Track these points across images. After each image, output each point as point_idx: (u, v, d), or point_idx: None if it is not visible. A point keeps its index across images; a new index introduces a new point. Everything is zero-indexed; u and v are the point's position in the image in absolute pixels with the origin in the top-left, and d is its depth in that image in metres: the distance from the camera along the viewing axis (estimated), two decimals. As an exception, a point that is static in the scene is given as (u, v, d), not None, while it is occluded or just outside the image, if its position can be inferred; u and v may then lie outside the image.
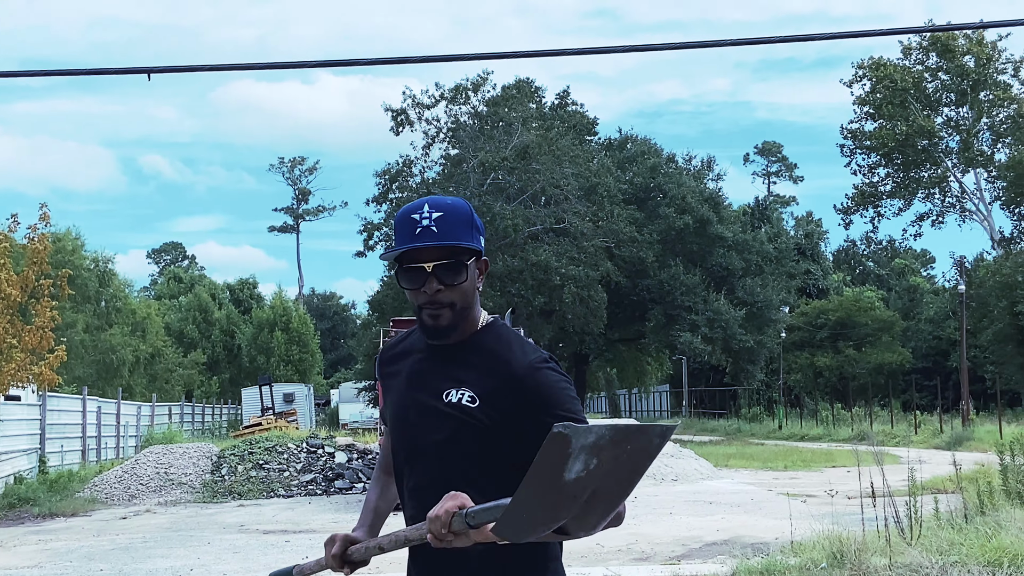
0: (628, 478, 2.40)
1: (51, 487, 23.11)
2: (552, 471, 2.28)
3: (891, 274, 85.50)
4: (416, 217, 2.89)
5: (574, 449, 2.25)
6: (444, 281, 2.88)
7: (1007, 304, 51.78)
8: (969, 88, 56.20)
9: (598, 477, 2.33)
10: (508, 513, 2.38)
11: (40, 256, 23.15)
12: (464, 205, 2.97)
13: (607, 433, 2.28)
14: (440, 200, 2.94)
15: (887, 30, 19.49)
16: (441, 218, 2.88)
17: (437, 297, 2.89)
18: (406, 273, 2.92)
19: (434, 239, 2.85)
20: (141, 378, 51.27)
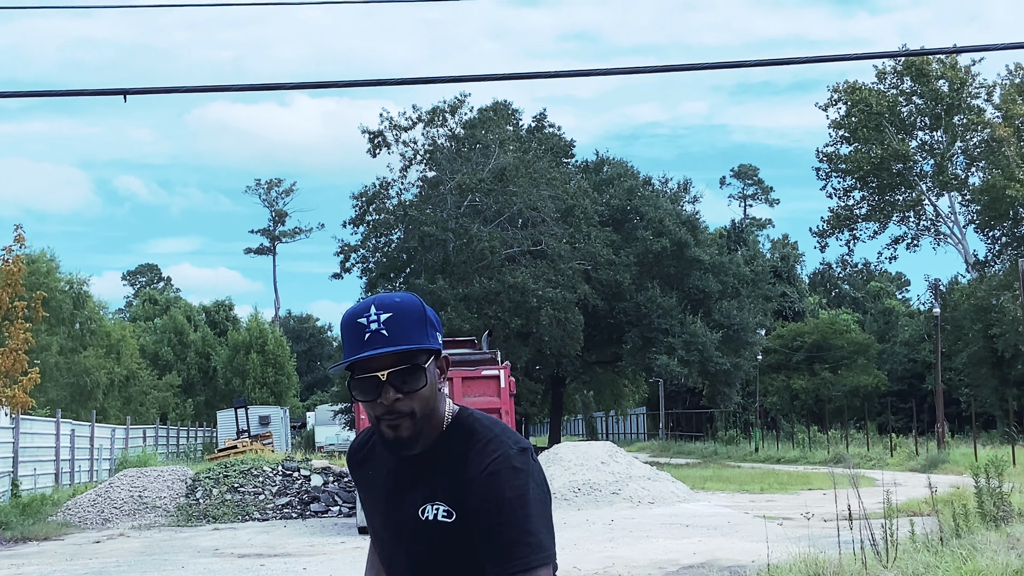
0: None
1: (24, 511, 22.90)
2: None
3: (866, 297, 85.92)
4: (363, 321, 2.65)
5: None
6: (401, 389, 2.64)
7: (981, 327, 52.11)
8: (943, 112, 56.63)
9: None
10: None
11: (14, 278, 23.02)
12: (415, 301, 2.72)
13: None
14: (387, 299, 2.70)
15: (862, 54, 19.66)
16: (391, 319, 2.64)
17: (395, 407, 2.64)
18: (359, 384, 2.67)
19: (386, 344, 2.61)
20: (115, 400, 50.95)
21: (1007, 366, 51.74)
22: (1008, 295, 48.66)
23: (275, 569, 14.42)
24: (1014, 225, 55.14)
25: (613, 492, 23.36)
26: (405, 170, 49.81)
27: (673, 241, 51.71)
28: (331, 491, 23.39)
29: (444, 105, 49.25)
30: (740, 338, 53.74)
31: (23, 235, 24.27)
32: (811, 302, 78.44)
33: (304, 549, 16.84)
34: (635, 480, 24.42)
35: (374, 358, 2.61)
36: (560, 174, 50.31)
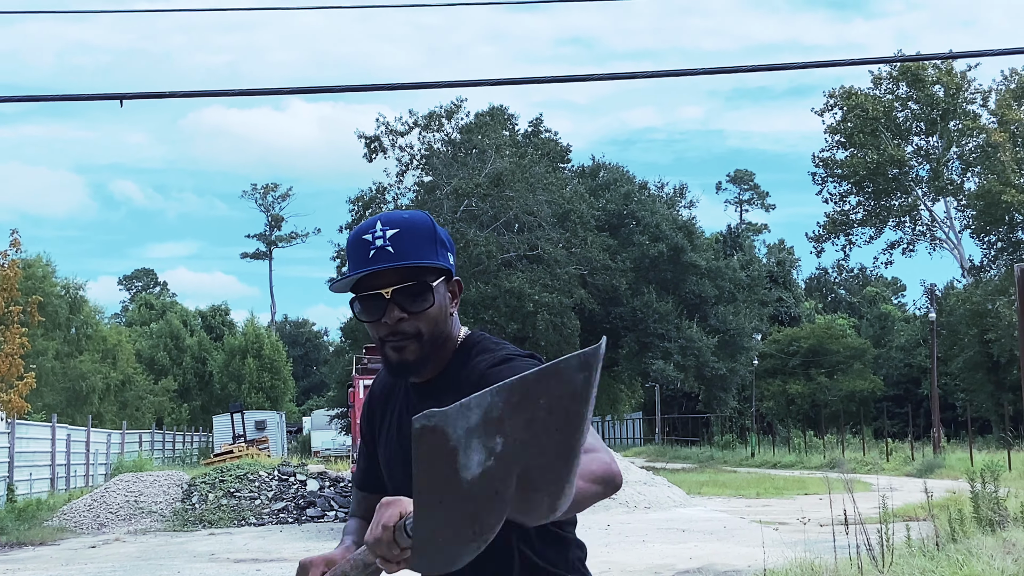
0: (565, 436, 1.78)
1: (19, 515, 22.87)
2: (443, 479, 1.74)
3: (862, 302, 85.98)
4: (368, 238, 2.49)
5: (457, 439, 1.71)
6: (407, 308, 2.47)
7: (977, 332, 52.16)
8: (939, 117, 56.72)
9: (516, 455, 1.75)
10: (416, 546, 1.87)
11: (10, 282, 23.01)
12: (424, 218, 2.55)
13: (498, 400, 1.71)
14: (395, 215, 2.54)
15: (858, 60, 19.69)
16: (397, 236, 2.47)
17: (400, 327, 2.47)
18: (362, 303, 2.51)
19: (390, 260, 2.45)
20: (111, 405, 50.91)
21: (1003, 371, 51.77)
22: (1004, 300, 48.70)
23: (271, 574, 14.41)
24: (1009, 230, 55.21)
25: (609, 497, 23.33)
26: (401, 175, 49.83)
27: (669, 246, 51.76)
28: (327, 496, 23.38)
29: (440, 110, 49.30)
30: (736, 343, 53.80)
31: (19, 239, 24.28)
32: (807, 307, 78.49)
33: (300, 554, 16.81)
34: (631, 485, 24.42)
35: (378, 275, 2.47)
36: (556, 179, 50.32)
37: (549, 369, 1.71)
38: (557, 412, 1.73)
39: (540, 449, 1.74)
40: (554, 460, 1.77)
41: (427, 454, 1.71)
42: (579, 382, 1.72)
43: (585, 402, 1.74)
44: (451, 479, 1.72)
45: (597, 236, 49.63)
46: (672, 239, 51.92)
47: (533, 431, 1.72)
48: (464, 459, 1.70)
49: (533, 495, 1.80)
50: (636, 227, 52.94)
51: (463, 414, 1.69)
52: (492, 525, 1.80)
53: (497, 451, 1.72)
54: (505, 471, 1.75)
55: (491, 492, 1.75)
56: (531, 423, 1.72)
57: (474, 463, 1.71)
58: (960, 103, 56.72)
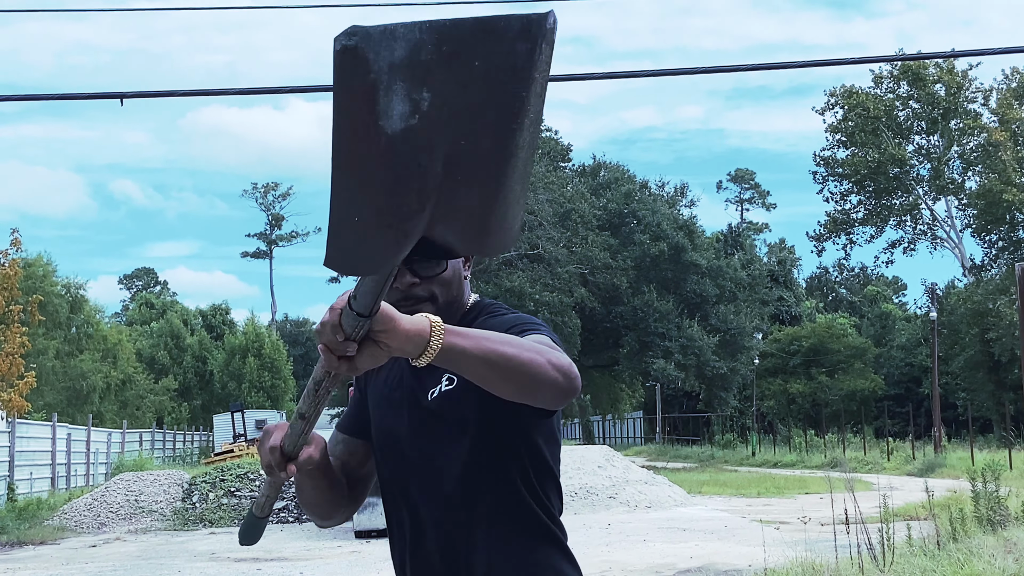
0: (500, 122, 1.56)
1: (20, 515, 22.87)
2: (361, 124, 1.51)
3: (863, 301, 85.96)
4: None
5: (378, 71, 1.47)
6: (420, 273, 2.41)
7: (978, 331, 52.15)
8: (940, 116, 56.71)
9: (443, 124, 1.53)
10: (332, 228, 1.61)
11: (11, 282, 23.02)
12: None
13: (425, 37, 1.48)
14: None
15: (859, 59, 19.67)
16: None
17: (412, 292, 2.41)
18: None
19: None
20: (112, 404, 50.90)
21: (1004, 370, 51.75)
22: (1005, 299, 48.69)
23: (272, 573, 14.40)
24: (1010, 229, 55.19)
25: (610, 496, 23.35)
26: (402, 174, 49.86)
27: (670, 245, 51.77)
28: (328, 495, 23.39)
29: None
30: (737, 342, 53.82)
31: (20, 239, 24.28)
32: (808, 306, 78.48)
33: (301, 553, 16.82)
34: (632, 484, 24.41)
35: None
36: (557, 178, 50.35)
37: (486, 21, 1.51)
38: (493, 86, 1.52)
39: (471, 127, 1.55)
40: (487, 149, 1.59)
41: (345, 83, 1.49)
42: (520, 53, 1.52)
43: (525, 83, 1.54)
44: (369, 127, 1.51)
45: (598, 235, 49.64)
46: (673, 238, 51.91)
47: (465, 100, 1.52)
48: (384, 103, 1.49)
49: (461, 189, 1.62)
50: (637, 226, 52.95)
51: (387, 42, 1.47)
52: (412, 210, 1.61)
53: (423, 108, 1.51)
54: (430, 136, 1.54)
55: (412, 159, 1.55)
56: (463, 88, 1.51)
57: (396, 113, 1.50)
58: (961, 102, 56.70)
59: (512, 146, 1.58)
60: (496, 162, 1.59)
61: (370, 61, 1.46)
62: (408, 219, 1.59)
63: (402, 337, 1.89)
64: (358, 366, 1.89)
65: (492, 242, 1.74)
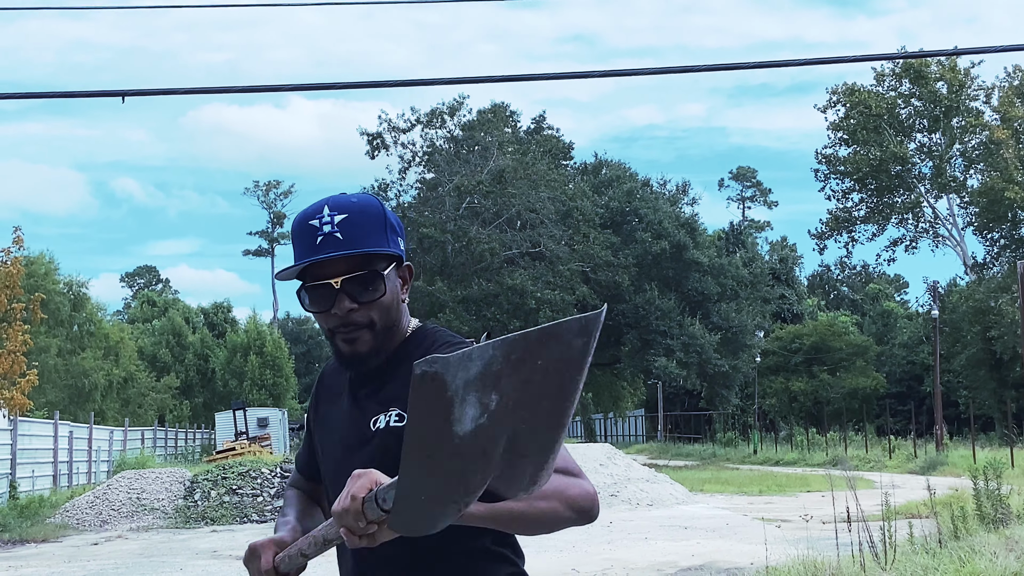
0: (557, 404, 1.77)
1: (22, 513, 22.89)
2: (435, 431, 1.71)
3: (865, 299, 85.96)
4: (315, 223, 2.37)
5: (455, 389, 1.67)
6: (358, 299, 2.37)
7: (980, 329, 52.14)
8: (942, 114, 56.66)
9: (508, 416, 1.73)
10: (399, 502, 1.81)
11: (13, 280, 23.02)
12: (374, 202, 2.43)
13: (497, 353, 1.68)
14: (343, 199, 2.40)
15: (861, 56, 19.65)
16: (346, 220, 2.36)
17: (351, 318, 2.37)
18: (310, 293, 2.40)
19: (339, 248, 2.34)
20: (114, 402, 50.94)
21: (1005, 368, 51.75)
22: (1006, 297, 48.67)
23: (273, 571, 14.38)
24: (1012, 227, 55.15)
25: (611, 494, 23.36)
26: (404, 172, 49.91)
27: (672, 243, 51.77)
28: (329, 493, 23.41)
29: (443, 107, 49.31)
30: (739, 340, 53.82)
31: (22, 237, 24.29)
32: (810, 304, 78.48)
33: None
34: (633, 482, 24.42)
35: (326, 264, 2.36)
36: (559, 176, 50.35)
37: (550, 330, 1.70)
38: (552, 376, 1.72)
39: (532, 413, 1.75)
40: (544, 427, 1.79)
41: (423, 402, 1.69)
42: (577, 348, 1.72)
43: (580, 370, 1.74)
44: (443, 432, 1.70)
45: (600, 233, 49.63)
46: (674, 236, 51.91)
47: (528, 393, 1.72)
48: (459, 412, 1.69)
49: (519, 461, 1.81)
50: (638, 224, 52.94)
51: (464, 364, 1.66)
52: (475, 487, 1.80)
53: (491, 408, 1.70)
54: (496, 431, 1.73)
55: (480, 451, 1.74)
56: (527, 384, 1.71)
57: (468, 418, 1.69)
58: (963, 100, 56.65)
59: (565, 419, 1.79)
60: (551, 434, 1.80)
61: (448, 383, 1.66)
62: (470, 495, 1.81)
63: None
64: (377, 541, 1.97)
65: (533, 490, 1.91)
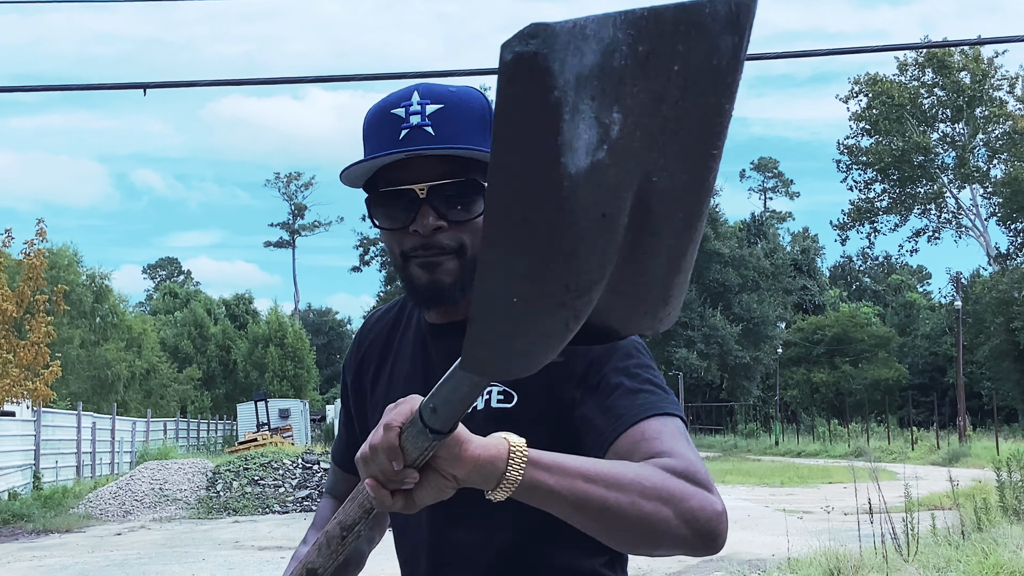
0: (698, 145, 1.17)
1: (45, 503, 23.02)
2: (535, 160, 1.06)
3: (887, 290, 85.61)
4: (400, 113, 1.82)
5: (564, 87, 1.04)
6: (447, 215, 1.80)
7: (1003, 320, 51.86)
8: (965, 104, 56.36)
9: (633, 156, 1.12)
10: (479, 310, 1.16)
11: (36, 272, 23.11)
12: (476, 94, 1.88)
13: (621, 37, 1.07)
14: (438, 87, 1.84)
15: (883, 46, 19.58)
16: (441, 113, 1.80)
17: (436, 239, 1.80)
18: (384, 203, 1.84)
19: (430, 143, 1.78)
20: (136, 394, 51.18)
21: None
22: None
23: (295, 562, 14.44)
24: (1036, 218, 54.88)
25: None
26: (424, 163, 49.95)
27: (693, 234, 51.72)
28: (351, 484, 23.46)
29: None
30: (760, 331, 53.69)
31: (45, 229, 24.39)
32: (832, 295, 78.20)
33: (324, 542, 16.86)
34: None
35: (410, 165, 1.80)
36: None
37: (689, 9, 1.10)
38: (691, 97, 1.13)
39: (665, 159, 1.15)
40: (682, 189, 1.19)
41: (519, 107, 1.05)
42: (725, 51, 1.13)
43: (728, 91, 1.16)
44: (547, 167, 1.06)
45: (620, 224, 49.66)
46: (696, 227, 51.86)
47: (659, 119, 1.12)
48: (569, 130, 1.05)
49: (649, 244, 1.20)
50: (659, 215, 52.94)
51: (576, 44, 1.05)
52: (592, 281, 1.16)
53: (612, 134, 1.09)
54: (618, 174, 1.12)
55: (596, 211, 1.11)
56: (658, 103, 1.11)
57: (582, 144, 1.06)
58: (986, 90, 56.35)
59: (711, 179, 1.21)
60: (691, 203, 1.21)
61: (554, 73, 1.04)
62: (586, 292, 1.16)
63: (470, 465, 1.40)
64: (417, 502, 1.43)
65: (665, 315, 1.30)
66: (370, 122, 1.86)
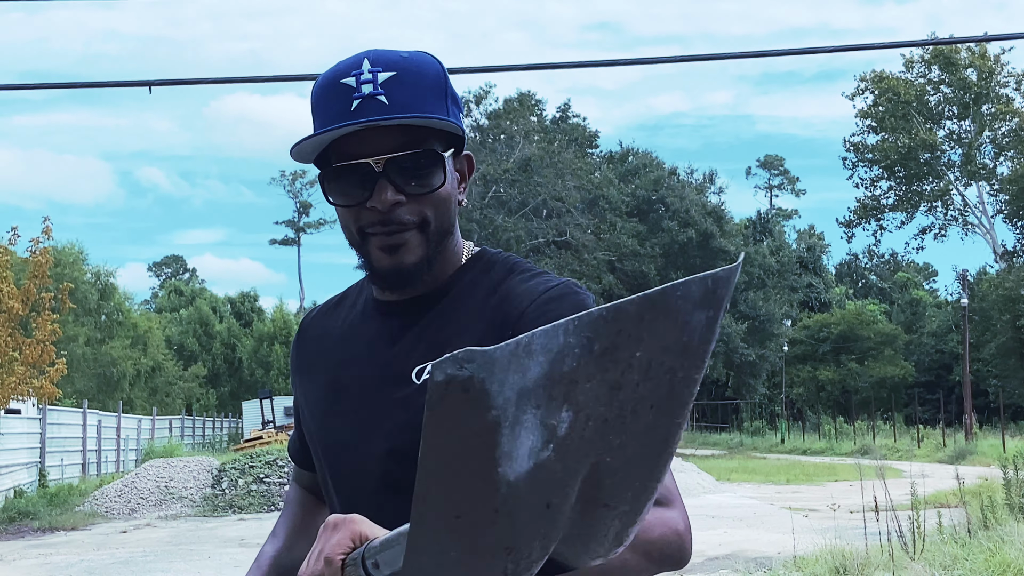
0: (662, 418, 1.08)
1: (51, 501, 23.05)
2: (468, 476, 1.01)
3: (893, 287, 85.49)
4: (350, 82, 1.69)
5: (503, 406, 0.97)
6: (404, 188, 1.68)
7: (1010, 318, 51.77)
8: (971, 101, 56.26)
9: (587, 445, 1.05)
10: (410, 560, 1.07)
11: (41, 269, 23.12)
12: (431, 60, 1.76)
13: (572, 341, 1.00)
14: (389, 54, 1.72)
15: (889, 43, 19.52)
16: (394, 80, 1.68)
17: (395, 214, 1.68)
18: (338, 178, 1.72)
19: (384, 113, 1.65)
20: (142, 391, 51.24)
21: (1035, 357, 51.43)
22: (1037, 285, 48.33)
23: (300, 559, 14.44)
24: (1043, 215, 54.78)
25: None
26: (430, 161, 49.91)
27: (699, 232, 51.62)
28: (356, 482, 23.46)
29: (469, 96, 49.28)
30: (766, 329, 53.64)
31: (50, 227, 24.40)
32: (837, 293, 78.10)
33: (329, 539, 16.86)
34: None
35: (364, 137, 1.67)
36: (585, 165, 50.27)
37: (656, 299, 1.02)
38: (657, 375, 1.04)
39: (624, 437, 1.06)
40: (640, 458, 1.10)
41: (448, 429, 0.98)
42: (696, 327, 1.04)
43: (697, 363, 1.07)
44: (482, 477, 1.00)
45: (626, 222, 49.56)
46: (701, 225, 51.76)
47: (617, 404, 1.04)
48: (508, 443, 0.99)
49: (601, 514, 1.12)
50: (665, 213, 52.81)
51: (517, 362, 0.97)
52: (531, 559, 1.09)
53: (560, 434, 1.02)
54: (568, 469, 1.05)
55: (540, 504, 1.05)
56: (617, 391, 1.03)
57: (523, 451, 1.00)
58: (993, 87, 56.25)
59: (672, 443, 1.11)
60: (649, 472, 1.11)
61: (491, 395, 0.96)
62: (527, 571, 1.09)
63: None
64: None
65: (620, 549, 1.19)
66: (319, 93, 1.74)
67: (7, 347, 22.17)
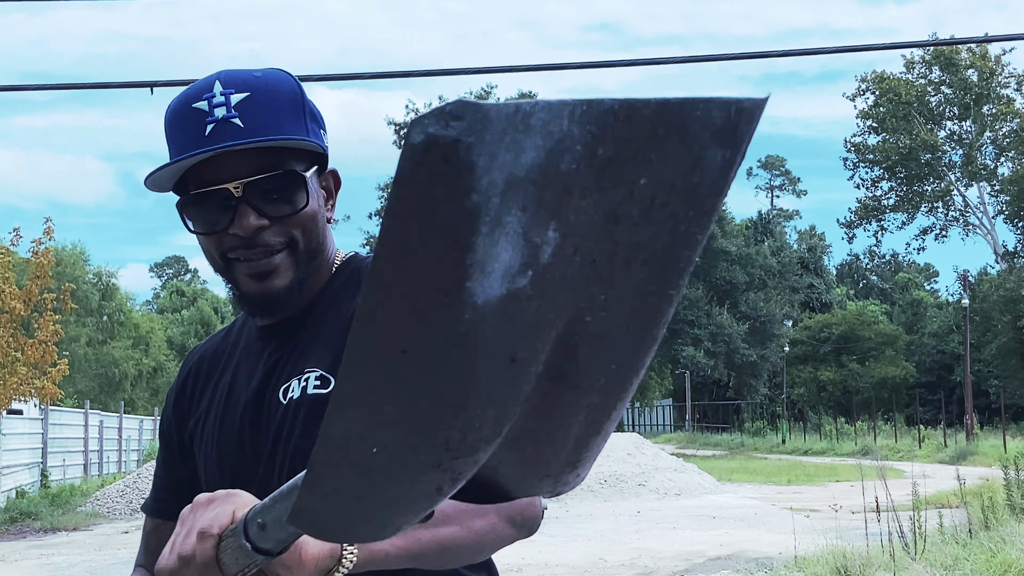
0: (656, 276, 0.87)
1: (53, 501, 23.06)
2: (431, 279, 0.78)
3: (894, 288, 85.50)
4: (202, 106, 1.63)
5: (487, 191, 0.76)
6: (268, 212, 1.64)
7: (1011, 318, 51.79)
8: (972, 102, 56.29)
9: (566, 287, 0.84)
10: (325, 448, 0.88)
11: (43, 270, 23.14)
12: (286, 77, 1.72)
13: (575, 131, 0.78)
14: (242, 74, 1.67)
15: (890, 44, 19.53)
16: (248, 101, 1.63)
17: (260, 238, 1.64)
18: (196, 206, 1.67)
19: (239, 137, 1.60)
20: (143, 392, 51.28)
21: (1036, 357, 51.45)
22: (1038, 286, 48.35)
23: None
24: (1044, 215, 54.80)
25: (639, 484, 23.34)
26: (431, 162, 49.99)
27: (699, 232, 51.75)
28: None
29: (470, 96, 49.35)
30: (767, 330, 53.67)
31: (52, 228, 24.42)
32: (838, 293, 78.12)
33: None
34: (661, 472, 24.39)
35: (220, 161, 1.61)
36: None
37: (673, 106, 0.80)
38: (659, 218, 0.84)
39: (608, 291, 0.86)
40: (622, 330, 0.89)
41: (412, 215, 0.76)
42: (710, 166, 0.84)
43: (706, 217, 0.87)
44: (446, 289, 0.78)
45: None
46: (702, 225, 51.89)
47: (610, 244, 0.84)
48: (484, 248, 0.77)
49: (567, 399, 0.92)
50: (666, 213, 52.98)
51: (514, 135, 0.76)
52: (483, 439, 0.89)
53: (542, 260, 0.81)
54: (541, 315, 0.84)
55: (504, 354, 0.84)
56: (611, 223, 0.83)
57: (498, 268, 0.79)
58: (994, 87, 56.28)
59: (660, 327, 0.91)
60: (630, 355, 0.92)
61: (477, 171, 0.75)
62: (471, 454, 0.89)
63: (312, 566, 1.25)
64: None
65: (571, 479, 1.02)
66: (171, 119, 1.68)
67: (9, 348, 22.20)
